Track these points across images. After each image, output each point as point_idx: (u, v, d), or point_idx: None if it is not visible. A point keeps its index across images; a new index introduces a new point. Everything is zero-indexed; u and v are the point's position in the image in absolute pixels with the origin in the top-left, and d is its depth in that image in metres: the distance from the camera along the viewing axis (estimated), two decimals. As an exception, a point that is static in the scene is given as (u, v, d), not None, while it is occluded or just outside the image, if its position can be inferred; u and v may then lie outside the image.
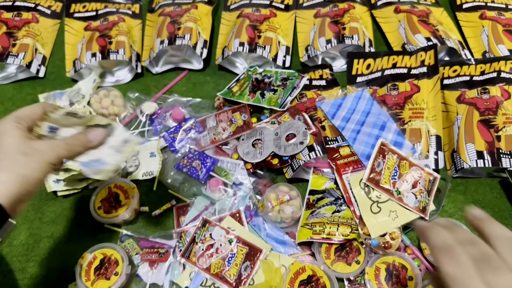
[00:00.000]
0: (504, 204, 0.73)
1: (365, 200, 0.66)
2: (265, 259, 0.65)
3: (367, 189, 0.66)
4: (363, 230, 0.64)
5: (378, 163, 0.68)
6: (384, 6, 1.02)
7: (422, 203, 0.66)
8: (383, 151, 0.69)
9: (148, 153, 0.77)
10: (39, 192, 0.77)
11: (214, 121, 0.82)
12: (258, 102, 0.82)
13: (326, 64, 0.91)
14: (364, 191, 0.66)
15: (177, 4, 1.02)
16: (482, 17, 0.98)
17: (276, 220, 0.68)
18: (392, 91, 0.82)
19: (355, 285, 0.65)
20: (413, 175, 0.68)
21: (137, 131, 0.83)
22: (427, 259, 0.66)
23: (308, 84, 0.87)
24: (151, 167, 0.76)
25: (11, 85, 0.92)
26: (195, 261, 0.64)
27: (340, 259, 0.65)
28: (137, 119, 0.85)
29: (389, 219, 0.64)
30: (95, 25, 1.00)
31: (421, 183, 0.68)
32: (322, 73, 0.89)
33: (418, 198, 0.66)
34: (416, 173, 0.68)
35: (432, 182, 0.69)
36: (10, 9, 1.03)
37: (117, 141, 0.56)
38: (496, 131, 0.74)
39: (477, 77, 0.83)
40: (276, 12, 1.01)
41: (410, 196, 0.66)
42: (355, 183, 0.67)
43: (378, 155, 0.69)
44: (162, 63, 0.95)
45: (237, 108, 0.82)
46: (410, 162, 0.69)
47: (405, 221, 0.64)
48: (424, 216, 0.65)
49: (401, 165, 0.69)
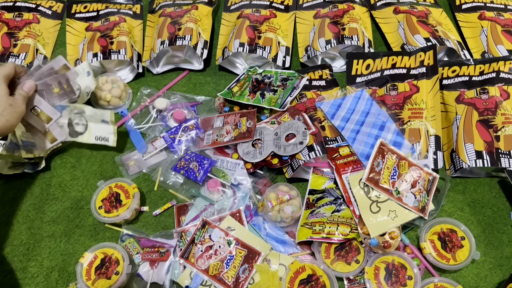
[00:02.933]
0: (503, 204, 0.74)
1: (364, 199, 0.66)
2: (265, 259, 0.65)
3: (367, 188, 0.67)
4: (362, 230, 0.64)
5: (378, 163, 0.68)
6: (384, 7, 1.02)
7: (421, 203, 0.66)
8: (382, 151, 0.70)
9: (99, 119, 0.79)
10: (40, 192, 0.78)
11: (222, 122, 0.82)
12: (258, 103, 0.83)
13: (325, 65, 0.92)
14: (363, 190, 0.67)
15: (177, 5, 1.03)
16: (481, 17, 0.98)
17: (276, 220, 0.68)
18: (392, 91, 0.82)
19: (354, 284, 0.65)
20: (412, 175, 0.68)
21: (147, 125, 0.84)
22: (426, 258, 0.66)
23: (308, 84, 0.87)
24: (104, 133, 0.79)
25: (12, 85, 0.92)
26: (194, 262, 0.64)
27: (340, 259, 0.65)
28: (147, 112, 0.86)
29: (388, 219, 0.64)
30: (96, 25, 1.01)
31: (420, 183, 0.68)
32: (321, 74, 0.89)
33: (418, 197, 0.66)
34: (416, 173, 0.69)
35: (432, 182, 0.69)
36: (11, 9, 1.03)
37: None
38: (495, 131, 0.75)
39: (476, 78, 0.83)
40: (276, 12, 1.02)
41: (410, 195, 0.66)
42: (355, 182, 0.68)
43: (377, 155, 0.69)
44: (163, 63, 0.95)
45: (246, 113, 0.82)
46: (409, 162, 0.70)
47: (404, 221, 0.65)
48: (423, 215, 0.65)
49: (400, 165, 0.69)
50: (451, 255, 0.65)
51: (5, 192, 0.78)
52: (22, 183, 0.79)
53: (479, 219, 0.72)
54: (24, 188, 0.78)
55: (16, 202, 0.76)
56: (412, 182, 0.68)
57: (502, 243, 0.69)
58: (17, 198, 0.77)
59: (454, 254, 0.65)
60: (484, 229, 0.71)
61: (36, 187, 0.78)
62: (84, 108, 0.78)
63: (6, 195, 0.77)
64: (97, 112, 0.79)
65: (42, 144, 0.77)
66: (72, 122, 0.78)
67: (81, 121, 0.78)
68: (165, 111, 0.85)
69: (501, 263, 0.68)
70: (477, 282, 0.66)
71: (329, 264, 0.65)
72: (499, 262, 0.68)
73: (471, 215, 0.73)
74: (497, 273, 0.67)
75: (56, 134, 0.77)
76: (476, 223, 0.72)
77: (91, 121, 0.79)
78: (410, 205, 0.65)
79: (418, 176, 0.68)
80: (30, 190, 0.78)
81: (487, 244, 0.69)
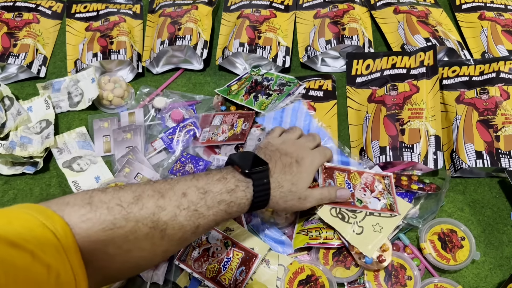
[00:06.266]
0: (503, 204, 0.74)
1: (344, 225, 0.64)
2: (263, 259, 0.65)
3: (341, 215, 0.65)
4: (354, 251, 0.63)
5: (329, 183, 0.68)
6: (384, 7, 1.02)
7: (388, 203, 0.66)
8: (328, 172, 0.69)
9: (90, 80, 0.82)
10: (40, 192, 0.78)
11: (220, 120, 0.82)
12: (251, 104, 0.82)
13: (329, 75, 0.90)
14: (338, 217, 0.65)
15: (177, 5, 1.03)
16: (481, 17, 0.98)
17: (268, 221, 0.68)
18: (391, 91, 0.82)
19: (354, 284, 0.65)
20: (366, 182, 0.69)
21: (146, 123, 0.84)
22: (426, 258, 0.66)
23: (304, 93, 0.86)
24: (94, 93, 0.84)
25: (12, 85, 0.92)
26: (191, 264, 0.64)
27: (339, 264, 0.65)
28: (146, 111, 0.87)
29: (376, 233, 0.64)
30: (96, 25, 1.01)
31: (377, 186, 0.68)
32: (322, 84, 0.88)
33: (381, 200, 0.67)
34: (368, 179, 0.69)
35: (388, 180, 0.70)
36: (11, 9, 1.03)
37: None
38: (495, 131, 0.75)
39: (476, 78, 0.83)
40: (276, 12, 1.02)
41: (373, 200, 0.66)
42: (326, 214, 0.65)
43: (325, 179, 0.68)
44: (163, 63, 0.95)
45: (244, 114, 0.81)
46: (358, 171, 0.70)
47: (391, 229, 0.64)
48: (396, 213, 0.65)
49: (351, 177, 0.69)
50: (451, 256, 0.65)
51: (5, 192, 0.78)
52: (22, 183, 0.79)
53: (479, 219, 0.72)
54: (24, 188, 0.78)
55: (16, 202, 0.76)
56: (369, 188, 0.68)
57: (502, 243, 0.69)
58: (17, 198, 0.77)
59: (454, 255, 0.65)
60: (484, 229, 0.71)
61: (36, 187, 0.78)
62: (76, 77, 0.87)
63: (6, 195, 0.77)
64: (84, 74, 0.82)
65: None
66: (71, 94, 0.79)
67: (77, 91, 0.79)
68: (163, 109, 0.85)
69: (501, 263, 0.68)
70: (477, 283, 0.66)
71: (328, 269, 0.65)
72: (499, 262, 0.68)
73: (471, 215, 0.73)
74: (497, 273, 0.67)
75: None
76: (476, 223, 0.72)
77: (84, 86, 0.82)
78: (378, 208, 0.65)
79: (372, 181, 0.69)
80: (30, 190, 0.78)
81: (487, 244, 0.69)
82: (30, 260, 0.36)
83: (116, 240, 0.43)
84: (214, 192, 0.51)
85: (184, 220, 0.48)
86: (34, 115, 0.85)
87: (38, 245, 0.37)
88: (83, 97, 0.86)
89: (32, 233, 0.38)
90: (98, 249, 0.43)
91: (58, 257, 0.39)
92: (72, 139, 0.83)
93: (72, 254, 0.40)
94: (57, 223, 0.41)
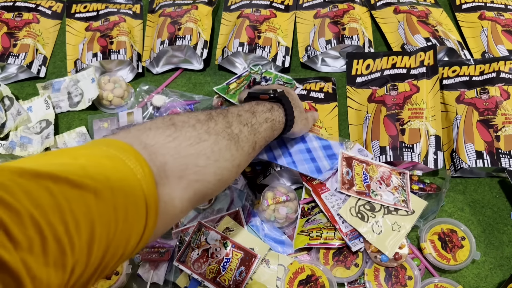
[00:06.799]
0: (503, 204, 0.74)
1: (363, 225, 0.65)
2: (263, 259, 0.65)
3: (360, 214, 0.66)
4: (370, 249, 0.64)
5: (347, 171, 0.68)
6: (384, 7, 1.02)
7: (401, 198, 0.66)
8: (347, 161, 0.70)
9: (90, 80, 0.82)
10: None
11: None
12: None
13: (330, 78, 0.90)
14: (358, 217, 0.65)
15: (177, 5, 1.03)
16: (482, 17, 0.98)
17: (269, 219, 0.68)
18: (392, 91, 0.82)
19: (354, 284, 0.65)
20: (382, 176, 0.69)
21: (144, 121, 0.84)
22: (426, 258, 0.66)
23: (305, 94, 0.86)
24: (94, 93, 0.83)
25: (11, 85, 0.92)
26: (190, 265, 0.64)
27: (339, 264, 0.65)
28: (145, 109, 0.87)
29: (395, 233, 0.64)
30: (96, 25, 1.01)
31: (394, 181, 0.68)
32: (323, 86, 0.88)
33: (395, 194, 0.67)
34: (385, 173, 0.70)
35: (403, 177, 0.70)
36: (11, 9, 1.03)
37: None
38: (496, 131, 0.74)
39: (477, 77, 0.83)
40: (276, 12, 1.01)
41: (388, 193, 0.67)
42: (346, 213, 0.65)
43: (343, 166, 0.69)
44: (163, 63, 0.95)
45: None
46: (376, 164, 0.71)
47: (409, 226, 0.65)
48: (407, 209, 0.66)
49: (369, 169, 0.70)
50: (452, 255, 0.65)
51: (4, 192, 0.78)
52: (21, 183, 0.79)
53: (479, 219, 0.72)
54: (23, 188, 0.78)
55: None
56: (385, 181, 0.68)
57: (502, 243, 0.69)
58: (16, 198, 0.77)
59: (454, 254, 0.65)
60: (484, 229, 0.71)
61: (36, 187, 0.78)
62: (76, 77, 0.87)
63: (5, 195, 0.77)
64: (84, 74, 0.82)
65: None
66: (71, 94, 0.79)
67: (77, 91, 0.79)
68: (162, 108, 0.85)
69: (501, 263, 0.68)
70: (477, 282, 0.66)
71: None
72: (499, 262, 0.68)
73: (471, 215, 0.72)
74: (498, 273, 0.67)
75: None
76: (476, 223, 0.72)
77: (84, 86, 0.82)
78: (391, 202, 0.66)
79: (388, 175, 0.69)
80: (29, 190, 0.78)
81: (487, 244, 0.69)
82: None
83: (205, 151, 0.48)
84: (259, 112, 0.58)
85: (248, 134, 0.54)
86: (34, 115, 0.85)
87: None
88: (83, 97, 0.86)
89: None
90: (190, 163, 0.46)
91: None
92: (72, 139, 0.83)
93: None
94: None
